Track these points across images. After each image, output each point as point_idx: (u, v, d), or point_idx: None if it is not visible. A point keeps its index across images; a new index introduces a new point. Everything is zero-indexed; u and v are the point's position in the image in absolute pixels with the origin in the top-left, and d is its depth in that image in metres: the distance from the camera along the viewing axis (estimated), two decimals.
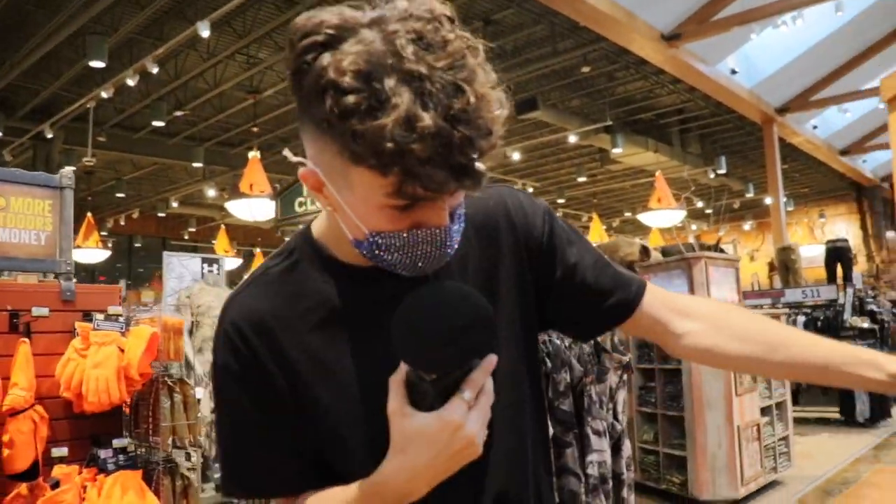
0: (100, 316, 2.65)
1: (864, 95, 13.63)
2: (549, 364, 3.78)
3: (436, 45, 0.74)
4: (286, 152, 0.95)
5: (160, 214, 22.92)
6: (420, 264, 0.86)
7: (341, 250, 0.95)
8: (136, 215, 22.34)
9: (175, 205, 21.03)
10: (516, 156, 17.30)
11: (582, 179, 19.50)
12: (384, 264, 0.87)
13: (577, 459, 3.71)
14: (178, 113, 14.13)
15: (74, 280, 2.76)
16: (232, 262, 16.57)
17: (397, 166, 0.74)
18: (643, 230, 20.05)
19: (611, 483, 3.77)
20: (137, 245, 24.31)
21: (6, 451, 2.41)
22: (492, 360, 0.84)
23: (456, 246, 0.88)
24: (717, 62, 11.78)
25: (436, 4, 0.77)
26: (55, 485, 2.46)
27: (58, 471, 2.51)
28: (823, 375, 0.99)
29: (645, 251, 7.18)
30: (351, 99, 0.72)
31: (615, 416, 3.85)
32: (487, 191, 1.02)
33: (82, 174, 17.70)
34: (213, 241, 19.10)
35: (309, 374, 0.93)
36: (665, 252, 6.85)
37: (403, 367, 0.84)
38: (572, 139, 15.43)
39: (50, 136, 13.57)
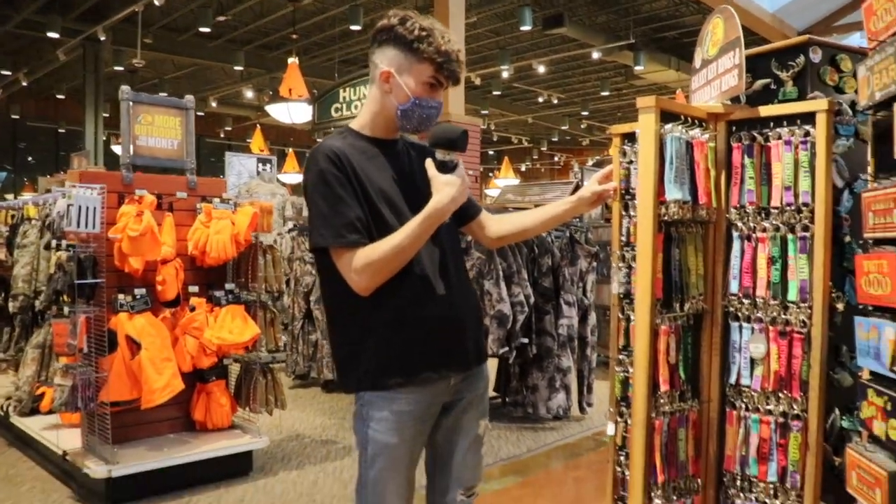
0: (216, 199, 3.86)
1: None
2: (536, 250, 4.95)
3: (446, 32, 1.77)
4: (377, 61, 1.79)
5: (199, 113, 23.87)
6: (429, 118, 1.78)
7: (372, 130, 1.83)
8: None
9: (214, 104, 22.04)
10: (542, 68, 17.91)
11: (606, 93, 20.00)
12: (408, 116, 1.76)
13: (552, 324, 4.92)
14: (221, 18, 14.91)
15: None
16: None
17: (441, 58, 1.72)
18: None
19: (577, 342, 4.99)
20: None
21: (160, 287, 3.66)
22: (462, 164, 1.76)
23: (439, 115, 1.81)
24: None
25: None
26: (192, 309, 3.73)
27: (193, 300, 3.77)
28: (561, 217, 2.03)
29: None
30: (425, 33, 1.71)
31: (584, 293, 5.04)
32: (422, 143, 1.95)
33: (127, 73, 18.67)
34: (248, 140, 19.94)
35: (365, 181, 1.73)
36: None
37: (433, 159, 1.73)
38: (596, 55, 15.98)
39: (102, 38, 14.35)
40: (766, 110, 2.02)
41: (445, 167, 1.72)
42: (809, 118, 1.95)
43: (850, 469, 1.75)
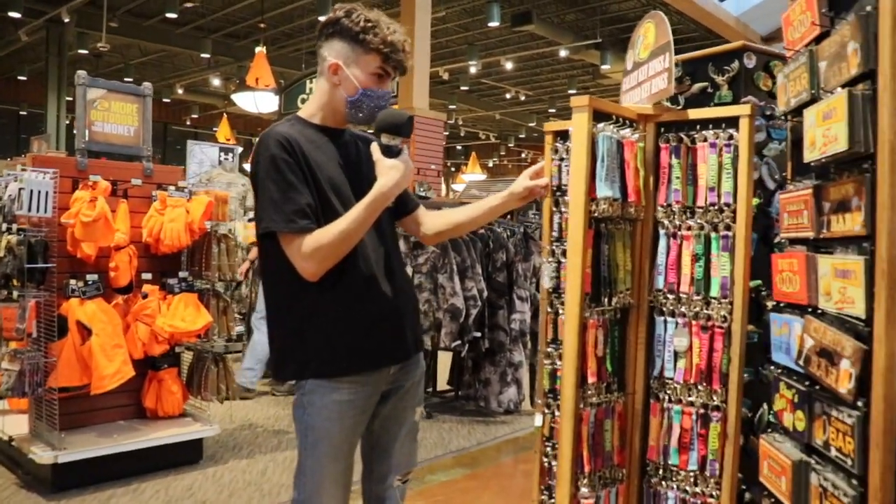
0: (172, 187, 3.86)
1: None
2: (491, 245, 5.02)
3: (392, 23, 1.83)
4: (325, 54, 1.84)
5: (164, 100, 23.58)
6: (378, 108, 1.83)
7: (321, 120, 1.86)
8: None
9: (180, 91, 21.75)
10: (510, 65, 18.03)
11: (573, 91, 20.16)
12: (357, 107, 1.82)
13: (505, 318, 5.00)
14: (188, 4, 14.74)
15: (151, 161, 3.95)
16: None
17: (387, 49, 1.77)
18: None
19: (529, 337, 5.09)
20: None
21: (113, 274, 3.65)
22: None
23: (388, 105, 1.86)
24: None
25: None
26: (144, 296, 3.74)
27: (146, 288, 3.77)
28: (492, 213, 2.07)
29: None
30: (370, 24, 1.76)
31: (537, 289, 5.13)
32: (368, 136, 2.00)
33: (91, 57, 18.34)
34: (214, 129, 19.72)
35: (315, 168, 1.76)
36: None
37: (378, 144, 1.76)
38: (564, 53, 16.14)
39: (66, 20, 14.12)
40: (693, 113, 2.12)
41: (390, 151, 1.76)
42: (734, 122, 2.05)
43: (762, 459, 1.85)
